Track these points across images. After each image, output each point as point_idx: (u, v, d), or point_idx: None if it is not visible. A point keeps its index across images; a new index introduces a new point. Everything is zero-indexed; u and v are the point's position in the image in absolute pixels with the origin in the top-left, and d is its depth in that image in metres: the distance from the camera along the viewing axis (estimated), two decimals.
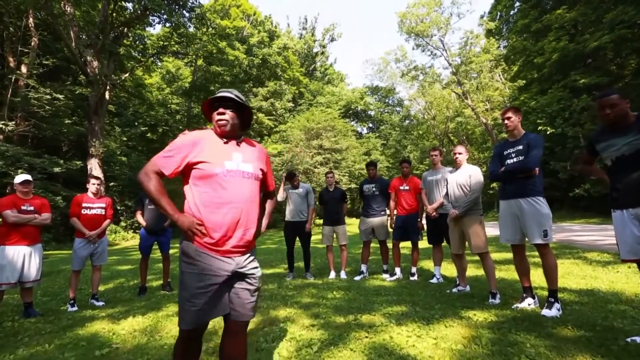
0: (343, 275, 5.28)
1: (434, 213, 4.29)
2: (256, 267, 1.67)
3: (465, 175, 3.70)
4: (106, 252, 4.48)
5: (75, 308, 4.08)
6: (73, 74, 19.01)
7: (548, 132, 17.29)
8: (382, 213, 5.17)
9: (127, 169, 19.76)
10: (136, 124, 22.48)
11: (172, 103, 26.17)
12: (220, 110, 1.66)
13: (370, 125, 43.90)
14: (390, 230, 5.08)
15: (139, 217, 4.83)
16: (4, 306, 4.23)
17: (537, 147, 2.96)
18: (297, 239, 5.45)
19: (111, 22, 17.58)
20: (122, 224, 18.85)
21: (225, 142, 1.67)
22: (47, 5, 15.42)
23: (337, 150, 21.66)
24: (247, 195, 1.62)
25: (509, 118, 3.12)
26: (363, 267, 5.20)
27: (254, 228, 1.64)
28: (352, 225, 10.95)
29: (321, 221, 5.67)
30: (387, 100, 43.43)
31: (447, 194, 3.89)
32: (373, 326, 2.84)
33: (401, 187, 4.95)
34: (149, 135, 24.05)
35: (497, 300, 3.32)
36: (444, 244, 4.49)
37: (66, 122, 16.73)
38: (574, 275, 4.42)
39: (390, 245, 5.13)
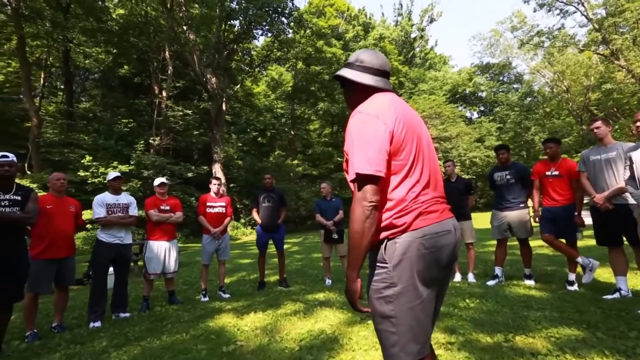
0: (471, 278, 4.51)
1: (606, 204, 3.19)
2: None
3: None
4: (229, 248, 4.78)
5: (207, 298, 4.43)
6: (197, 92, 22.13)
7: None
8: (521, 205, 4.20)
9: (243, 171, 22.10)
10: (248, 130, 24.95)
11: (278, 107, 28.14)
12: None
13: (482, 108, 39.05)
14: (535, 224, 4.09)
15: (255, 215, 5.02)
16: (155, 291, 4.90)
17: None
18: None
19: (223, 41, 19.82)
20: (242, 220, 21.06)
21: None
22: (177, 37, 18.31)
23: (446, 138, 19.79)
24: None
25: None
26: (498, 271, 4.32)
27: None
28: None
29: None
30: (501, 78, 37.81)
31: (632, 177, 2.81)
32: (537, 354, 2.15)
33: (548, 173, 3.90)
34: (259, 139, 26.38)
35: None
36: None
37: (195, 133, 19.64)
38: None
39: (534, 243, 4.13)
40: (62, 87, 21.30)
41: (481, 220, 9.07)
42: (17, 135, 17.02)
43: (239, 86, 22.66)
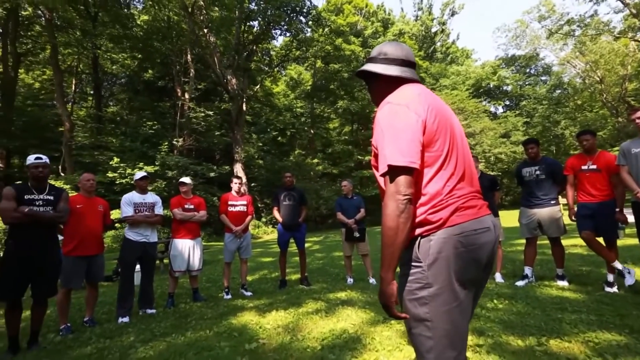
0: (499, 278, 4.33)
1: None
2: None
3: None
4: (250, 246, 4.81)
5: (229, 296, 4.48)
6: (218, 93, 22.55)
7: None
8: (552, 202, 3.98)
9: (264, 171, 22.34)
10: (268, 129, 25.18)
11: (297, 107, 28.27)
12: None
13: (507, 102, 37.66)
14: (570, 221, 3.87)
15: (276, 213, 5.03)
16: (180, 289, 5.01)
17: None
18: None
19: (243, 42, 20.09)
20: (263, 219, 21.30)
21: None
22: (198, 40, 18.72)
23: (470, 134, 19.21)
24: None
25: None
26: (528, 271, 4.13)
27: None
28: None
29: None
30: (528, 71, 36.31)
31: None
32: (574, 359, 2.02)
33: (584, 167, 3.68)
34: (279, 139, 26.59)
35: None
36: None
37: (216, 134, 20.03)
38: None
39: (566, 242, 3.91)
40: (91, 92, 22.31)
41: (508, 218, 8.75)
42: (51, 139, 17.99)
43: (258, 86, 22.93)
